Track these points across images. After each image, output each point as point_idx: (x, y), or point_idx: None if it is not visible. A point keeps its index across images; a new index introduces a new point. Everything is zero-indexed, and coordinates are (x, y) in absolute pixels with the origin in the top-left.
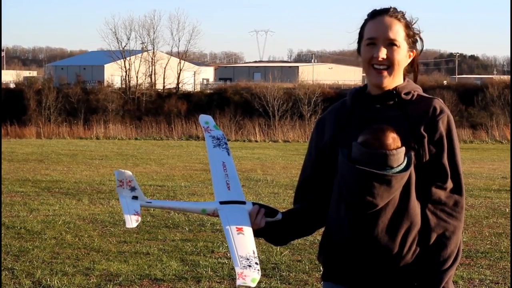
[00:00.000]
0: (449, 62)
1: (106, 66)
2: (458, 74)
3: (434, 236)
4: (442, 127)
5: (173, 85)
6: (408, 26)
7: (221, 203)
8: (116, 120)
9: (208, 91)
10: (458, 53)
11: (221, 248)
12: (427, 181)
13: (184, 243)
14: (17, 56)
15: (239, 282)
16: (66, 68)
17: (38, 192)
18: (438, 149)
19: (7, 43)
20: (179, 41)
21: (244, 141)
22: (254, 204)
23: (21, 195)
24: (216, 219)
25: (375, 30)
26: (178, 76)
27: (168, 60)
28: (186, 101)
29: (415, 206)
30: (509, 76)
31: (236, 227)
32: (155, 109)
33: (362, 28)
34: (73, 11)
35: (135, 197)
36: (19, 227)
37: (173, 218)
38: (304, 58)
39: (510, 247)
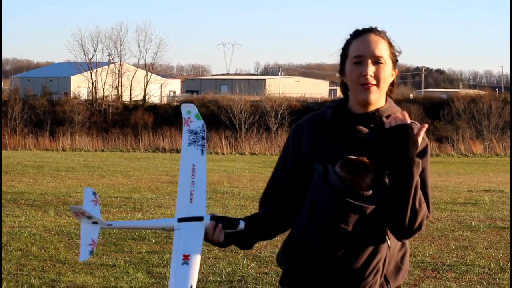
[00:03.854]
0: (415, 76)
1: (72, 78)
2: (424, 88)
3: (394, 257)
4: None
5: (140, 97)
6: (391, 44)
7: (180, 220)
8: (83, 132)
9: (175, 104)
10: (424, 67)
11: None
12: None
13: (150, 255)
14: None
15: None
16: (33, 80)
17: (3, 204)
18: None
19: None
20: (146, 53)
21: (210, 153)
22: (212, 218)
23: None
24: None
25: (361, 48)
26: (145, 88)
27: (135, 72)
28: (153, 113)
29: (383, 228)
30: (475, 90)
31: (184, 255)
32: (122, 121)
33: (346, 47)
34: (39, 22)
35: (95, 222)
36: None
37: (140, 230)
38: (271, 71)
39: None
